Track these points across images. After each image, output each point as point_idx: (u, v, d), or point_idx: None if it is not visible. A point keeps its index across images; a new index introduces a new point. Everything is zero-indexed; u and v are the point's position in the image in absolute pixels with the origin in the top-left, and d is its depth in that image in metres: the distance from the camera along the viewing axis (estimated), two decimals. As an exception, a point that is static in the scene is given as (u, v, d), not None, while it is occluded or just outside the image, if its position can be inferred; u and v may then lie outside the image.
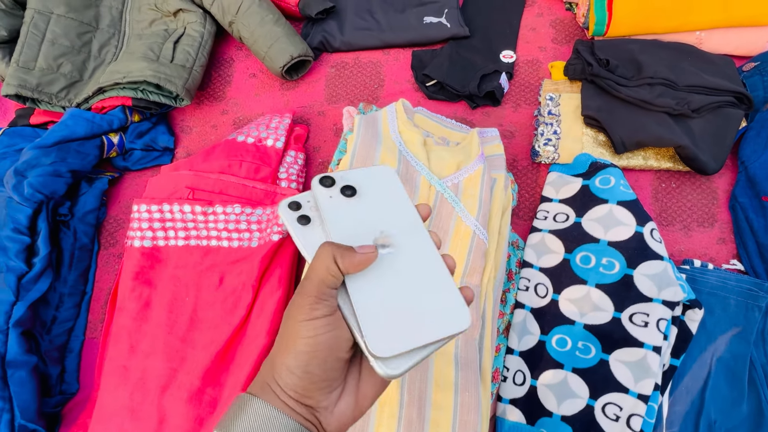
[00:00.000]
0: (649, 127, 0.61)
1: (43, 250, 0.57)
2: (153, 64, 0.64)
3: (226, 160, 0.61)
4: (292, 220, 0.28)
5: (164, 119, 0.71)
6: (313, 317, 0.23)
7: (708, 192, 0.63)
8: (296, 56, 0.67)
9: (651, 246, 0.52)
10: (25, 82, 0.64)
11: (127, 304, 0.57)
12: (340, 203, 0.28)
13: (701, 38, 0.68)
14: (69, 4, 0.68)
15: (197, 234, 0.59)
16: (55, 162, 0.60)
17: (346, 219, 0.27)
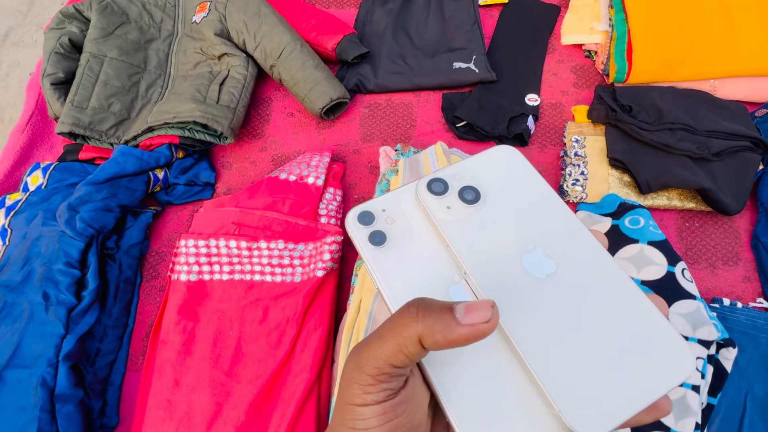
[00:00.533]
0: (672, 169, 0.64)
1: (92, 284, 0.59)
2: (201, 105, 0.68)
3: (270, 197, 0.64)
4: (363, 239, 0.21)
5: (206, 155, 0.74)
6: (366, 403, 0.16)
7: (730, 231, 0.66)
8: (335, 99, 0.71)
9: (683, 285, 0.54)
10: (79, 120, 0.67)
11: (172, 337, 0.58)
12: (462, 215, 0.21)
13: (715, 86, 0.72)
14: (121, 48, 0.73)
15: (241, 269, 0.61)
16: (106, 197, 0.62)
17: (476, 235, 0.20)
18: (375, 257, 0.21)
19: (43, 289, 0.57)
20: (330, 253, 0.58)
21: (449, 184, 0.21)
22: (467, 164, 0.22)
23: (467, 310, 0.16)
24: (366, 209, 0.22)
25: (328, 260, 0.58)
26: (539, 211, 0.21)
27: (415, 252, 0.21)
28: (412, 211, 0.22)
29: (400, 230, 0.21)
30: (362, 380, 0.16)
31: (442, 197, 0.21)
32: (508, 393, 0.17)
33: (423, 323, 0.16)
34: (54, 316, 0.56)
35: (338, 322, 0.60)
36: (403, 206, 0.22)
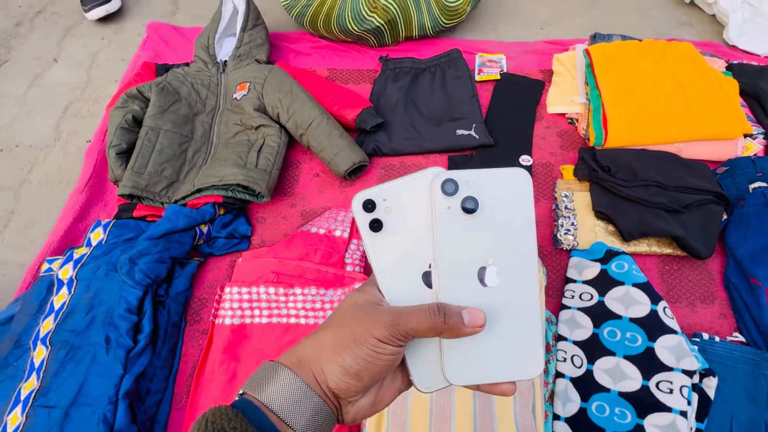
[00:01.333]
0: (650, 220, 0.75)
1: (147, 328, 0.66)
2: (243, 170, 0.79)
3: (303, 249, 0.73)
4: (364, 224, 0.26)
5: (243, 212, 0.84)
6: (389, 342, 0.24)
7: (705, 273, 0.75)
8: (357, 162, 0.83)
9: (665, 322, 0.63)
10: (137, 184, 0.78)
11: (216, 376, 0.65)
12: (456, 219, 0.25)
13: (680, 148, 0.85)
14: (174, 122, 0.85)
15: (278, 312, 0.69)
16: (161, 251, 0.71)
17: (457, 240, 0.25)
18: (372, 241, 0.26)
19: (105, 333, 0.64)
20: (358, 297, 0.67)
21: (459, 189, 0.25)
22: (482, 175, 0.25)
23: (471, 320, 0.24)
24: (369, 197, 0.26)
25: (357, 304, 0.66)
26: (513, 235, 0.25)
27: (403, 240, 0.26)
28: (409, 203, 0.26)
29: (395, 220, 0.26)
30: (395, 333, 0.24)
31: (449, 198, 0.24)
32: None
33: (445, 327, 0.24)
34: (114, 358, 0.63)
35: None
36: (402, 198, 0.26)
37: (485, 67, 1.02)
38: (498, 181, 0.25)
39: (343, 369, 0.24)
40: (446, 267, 0.25)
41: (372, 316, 0.24)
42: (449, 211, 0.25)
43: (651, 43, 0.91)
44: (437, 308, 0.24)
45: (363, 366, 0.24)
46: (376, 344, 0.23)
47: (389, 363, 0.24)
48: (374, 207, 0.26)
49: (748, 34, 1.04)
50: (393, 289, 0.26)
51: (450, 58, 0.99)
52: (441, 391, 0.54)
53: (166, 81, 0.89)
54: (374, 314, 0.24)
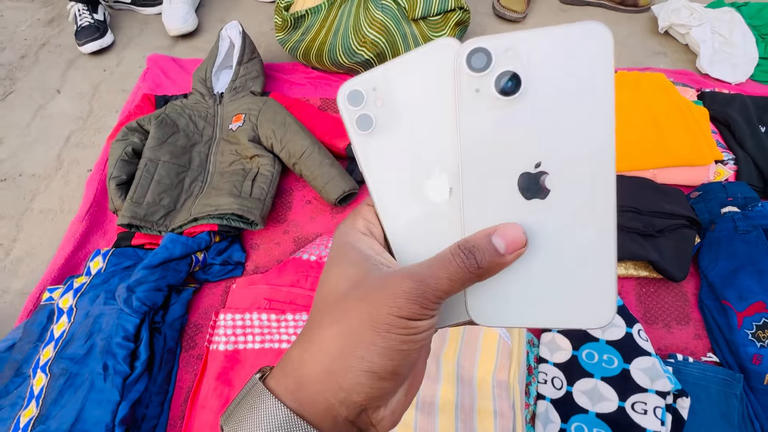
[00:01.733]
0: (625, 245, 0.78)
1: (143, 355, 0.69)
2: (237, 199, 0.83)
3: (295, 275, 0.76)
4: (351, 122, 0.20)
5: (238, 239, 0.87)
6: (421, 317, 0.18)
7: (680, 295, 0.78)
8: (347, 191, 0.87)
9: (640, 344, 0.66)
10: (136, 213, 0.82)
11: (210, 401, 0.67)
12: (487, 104, 0.18)
13: (655, 174, 0.89)
14: (172, 153, 0.89)
15: (271, 338, 0.71)
16: (158, 279, 0.74)
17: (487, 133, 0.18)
18: (360, 142, 0.20)
19: (103, 361, 0.67)
20: (347, 323, 0.70)
21: (493, 61, 0.17)
22: (531, 38, 0.17)
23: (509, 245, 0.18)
24: (355, 88, 0.20)
25: (346, 329, 0.69)
26: (575, 122, 0.17)
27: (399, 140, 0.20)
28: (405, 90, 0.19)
29: (387, 114, 0.20)
30: (425, 303, 0.17)
31: (478, 75, 0.17)
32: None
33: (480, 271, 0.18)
34: (112, 385, 0.65)
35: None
36: (395, 84, 0.20)
37: (470, 96, 1.07)
38: (556, 45, 0.17)
39: (373, 374, 0.17)
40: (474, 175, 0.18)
41: (386, 289, 0.17)
42: (478, 95, 0.18)
43: (624, 74, 0.96)
44: (464, 252, 0.18)
45: (399, 359, 0.17)
46: (407, 325, 0.17)
47: (428, 340, 0.18)
48: (362, 100, 0.20)
49: (720, 63, 1.09)
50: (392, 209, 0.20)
51: (436, 89, 1.03)
52: (425, 415, 0.57)
53: (165, 113, 0.93)
54: (388, 286, 0.18)
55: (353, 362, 0.17)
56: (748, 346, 0.68)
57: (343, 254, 0.20)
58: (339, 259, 0.20)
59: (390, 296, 0.17)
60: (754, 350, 0.68)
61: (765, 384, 0.65)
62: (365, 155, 0.21)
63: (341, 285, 0.19)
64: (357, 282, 0.18)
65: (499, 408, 0.60)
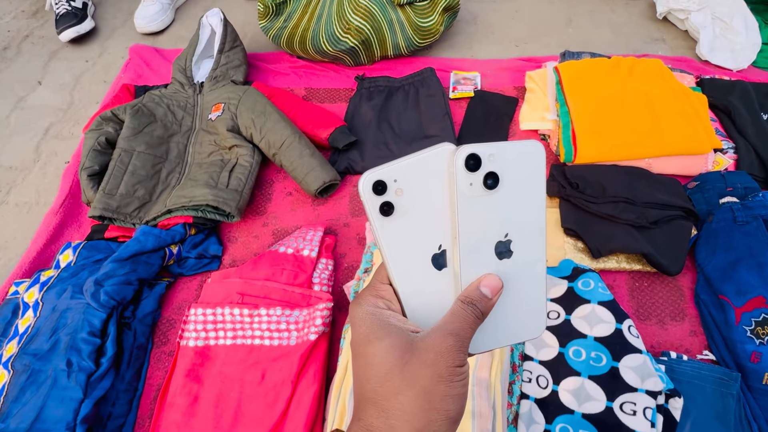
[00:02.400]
0: (617, 237, 0.74)
1: (110, 351, 0.66)
2: (213, 190, 0.80)
3: (270, 269, 0.73)
4: (374, 209, 0.24)
5: (215, 231, 0.85)
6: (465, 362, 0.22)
7: (676, 290, 0.74)
8: (327, 181, 0.83)
9: (630, 341, 0.62)
10: (108, 205, 0.79)
11: (178, 399, 0.65)
12: (477, 195, 0.24)
13: (650, 163, 0.85)
14: (148, 143, 0.86)
15: (243, 334, 0.68)
16: (128, 272, 0.71)
17: (477, 216, 0.24)
18: (382, 226, 0.24)
19: (67, 357, 0.64)
20: (321, 318, 0.67)
21: (483, 164, 0.23)
22: (501, 149, 0.24)
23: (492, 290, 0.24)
24: (380, 178, 0.24)
25: (320, 325, 0.66)
26: (527, 208, 0.25)
27: (414, 223, 0.24)
28: (421, 183, 0.24)
29: (406, 202, 0.24)
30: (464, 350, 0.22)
31: (472, 174, 0.23)
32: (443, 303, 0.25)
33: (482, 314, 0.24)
34: (75, 382, 0.62)
35: (329, 381, 0.67)
36: (413, 178, 0.24)
37: (459, 84, 1.03)
38: (516, 154, 0.24)
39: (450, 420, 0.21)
40: (467, 245, 0.24)
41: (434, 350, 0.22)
42: (471, 188, 0.23)
43: (619, 60, 0.92)
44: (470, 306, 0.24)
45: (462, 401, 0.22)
46: (460, 372, 0.22)
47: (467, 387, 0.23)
48: (385, 189, 0.24)
49: (720, 50, 1.05)
50: (406, 278, 0.25)
51: (423, 77, 1.00)
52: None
53: (141, 103, 0.91)
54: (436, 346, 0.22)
55: (435, 415, 0.21)
56: (746, 343, 0.64)
57: (383, 330, 0.23)
58: (380, 334, 0.23)
59: (442, 353, 0.22)
60: (752, 347, 0.64)
61: (764, 383, 0.61)
62: (386, 237, 0.24)
63: (394, 354, 0.22)
64: (405, 350, 0.22)
65: (477, 408, 0.57)
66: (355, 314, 0.24)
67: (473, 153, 0.23)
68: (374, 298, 0.25)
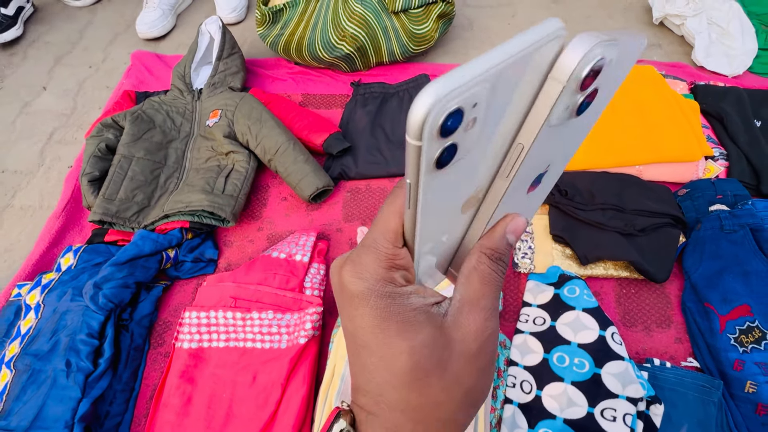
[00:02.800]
0: (605, 244, 0.75)
1: (107, 352, 0.69)
2: (209, 196, 0.82)
3: (263, 273, 0.75)
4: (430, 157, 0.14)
5: (211, 235, 0.87)
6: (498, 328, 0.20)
7: (662, 297, 0.75)
8: (321, 187, 0.85)
9: (612, 348, 0.63)
10: (108, 210, 0.81)
11: (172, 400, 0.67)
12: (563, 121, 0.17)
13: (641, 170, 0.86)
14: (147, 149, 0.89)
15: (236, 336, 0.70)
16: (125, 276, 0.74)
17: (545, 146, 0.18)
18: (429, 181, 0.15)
19: (66, 357, 0.66)
20: (311, 322, 0.68)
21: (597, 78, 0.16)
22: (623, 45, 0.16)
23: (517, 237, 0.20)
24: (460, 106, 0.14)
25: (310, 329, 0.68)
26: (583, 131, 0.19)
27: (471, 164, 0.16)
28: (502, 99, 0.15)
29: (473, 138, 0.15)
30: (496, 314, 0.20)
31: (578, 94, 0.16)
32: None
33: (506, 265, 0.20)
34: (73, 382, 0.65)
35: (319, 384, 0.68)
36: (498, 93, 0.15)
37: (454, 90, 1.04)
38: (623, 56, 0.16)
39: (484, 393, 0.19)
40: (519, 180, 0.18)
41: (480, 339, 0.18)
42: (565, 112, 0.16)
43: (611, 67, 0.92)
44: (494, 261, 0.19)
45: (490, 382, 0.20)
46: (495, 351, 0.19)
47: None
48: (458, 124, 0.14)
49: (716, 56, 1.05)
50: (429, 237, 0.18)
51: (417, 83, 1.01)
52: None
53: (141, 110, 0.93)
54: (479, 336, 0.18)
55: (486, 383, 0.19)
56: (729, 352, 0.65)
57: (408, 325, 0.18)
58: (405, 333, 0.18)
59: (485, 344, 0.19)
60: (735, 356, 0.64)
61: (746, 391, 0.62)
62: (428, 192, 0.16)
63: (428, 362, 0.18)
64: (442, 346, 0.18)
65: (460, 412, 0.58)
66: (359, 294, 0.18)
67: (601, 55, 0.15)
68: (386, 270, 0.18)
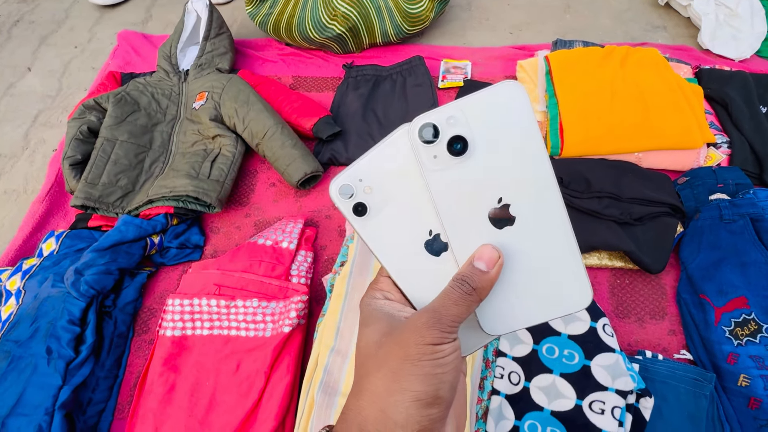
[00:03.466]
0: (599, 233, 0.73)
1: (89, 339, 0.67)
2: (194, 181, 0.80)
3: (248, 260, 0.73)
4: (348, 211, 0.23)
5: (197, 221, 0.85)
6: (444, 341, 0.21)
7: (657, 288, 0.73)
8: (309, 173, 0.83)
9: (603, 339, 0.62)
10: (90, 195, 0.79)
11: (155, 387, 0.66)
12: (447, 166, 0.21)
13: (640, 157, 0.83)
14: (131, 132, 0.86)
15: (220, 324, 0.69)
16: (108, 262, 0.72)
17: (454, 189, 0.21)
18: (360, 227, 0.23)
19: (47, 344, 0.65)
20: (296, 310, 0.67)
21: (441, 131, 0.21)
22: (465, 106, 0.21)
23: (488, 262, 0.22)
24: (345, 182, 0.23)
25: (294, 317, 0.66)
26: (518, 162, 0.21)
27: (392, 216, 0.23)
28: (386, 174, 0.23)
29: (378, 198, 0.23)
30: (443, 328, 0.21)
31: (432, 145, 0.21)
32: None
33: (477, 292, 0.22)
34: (54, 369, 0.64)
35: (304, 373, 0.67)
36: (378, 172, 0.23)
37: (449, 73, 1.01)
38: (485, 105, 0.21)
39: (419, 402, 0.20)
40: (451, 222, 0.22)
41: (407, 328, 0.21)
42: (437, 160, 0.21)
43: (613, 49, 0.89)
44: (458, 282, 0.22)
45: (435, 383, 0.20)
46: (433, 350, 0.20)
47: (456, 363, 0.21)
48: (352, 191, 0.23)
49: (722, 38, 1.01)
50: (402, 270, 0.24)
51: (411, 66, 0.98)
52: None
53: (125, 92, 0.90)
54: (408, 326, 0.21)
55: (399, 396, 0.20)
56: (723, 344, 0.63)
57: (372, 317, 0.23)
58: (368, 321, 0.23)
59: (413, 330, 0.21)
60: (730, 349, 0.63)
61: (739, 385, 0.61)
62: (368, 236, 0.24)
63: (374, 337, 0.22)
64: (385, 333, 0.22)
65: (445, 403, 0.57)
66: (361, 307, 0.24)
67: (426, 122, 0.21)
68: (372, 290, 0.25)
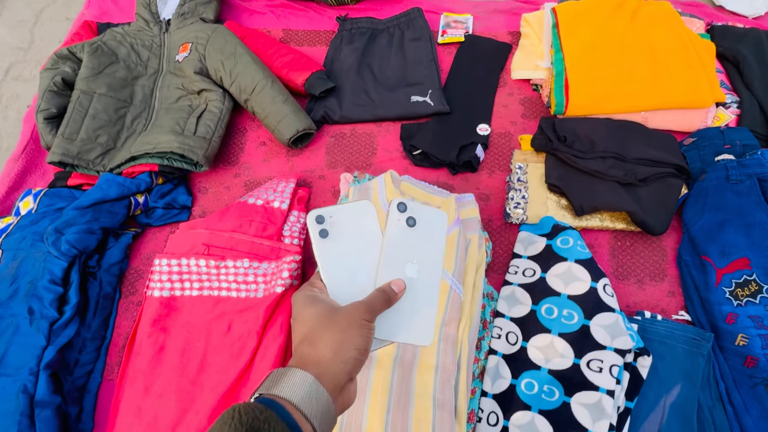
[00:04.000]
0: (602, 194, 0.71)
1: (73, 299, 0.65)
2: (179, 137, 0.75)
3: (238, 220, 0.70)
4: (315, 232, 0.34)
5: (184, 181, 0.81)
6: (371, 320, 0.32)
7: (658, 250, 0.72)
8: (301, 130, 0.79)
9: (604, 300, 0.60)
10: (68, 151, 0.75)
11: (144, 348, 0.64)
12: (401, 229, 0.35)
13: (646, 117, 0.80)
14: (110, 85, 0.81)
15: (210, 285, 0.67)
16: (89, 221, 0.69)
17: (399, 243, 0.35)
18: (319, 245, 0.35)
19: (28, 305, 0.63)
20: (289, 270, 0.65)
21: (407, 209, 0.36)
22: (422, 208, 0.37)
23: (397, 287, 0.34)
24: (321, 213, 0.35)
25: (287, 277, 0.64)
26: (430, 246, 0.37)
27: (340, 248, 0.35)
28: (346, 222, 0.36)
29: (337, 231, 0.35)
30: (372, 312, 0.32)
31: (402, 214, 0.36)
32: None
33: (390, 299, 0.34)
34: (37, 329, 0.62)
35: (297, 334, 0.66)
36: (342, 218, 0.36)
37: (450, 28, 0.95)
38: (428, 213, 0.37)
39: (358, 350, 0.30)
40: (387, 260, 0.35)
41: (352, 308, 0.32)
42: (398, 224, 0.36)
43: (622, 2, 0.84)
44: (381, 291, 0.34)
45: (367, 342, 0.31)
46: (368, 324, 0.31)
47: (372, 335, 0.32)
48: (323, 220, 0.35)
49: (737, -7, 0.96)
50: (334, 282, 0.35)
51: (410, 18, 0.92)
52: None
53: (101, 41, 0.84)
54: (353, 307, 0.32)
55: (347, 345, 0.30)
56: (723, 305, 0.63)
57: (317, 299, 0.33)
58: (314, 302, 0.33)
59: (356, 310, 0.32)
60: (729, 309, 0.62)
61: (736, 344, 0.60)
62: (322, 253, 0.35)
63: (321, 314, 0.31)
64: (332, 310, 0.32)
65: (442, 362, 0.56)
66: (295, 297, 0.34)
67: (402, 201, 0.36)
68: (310, 286, 0.35)
